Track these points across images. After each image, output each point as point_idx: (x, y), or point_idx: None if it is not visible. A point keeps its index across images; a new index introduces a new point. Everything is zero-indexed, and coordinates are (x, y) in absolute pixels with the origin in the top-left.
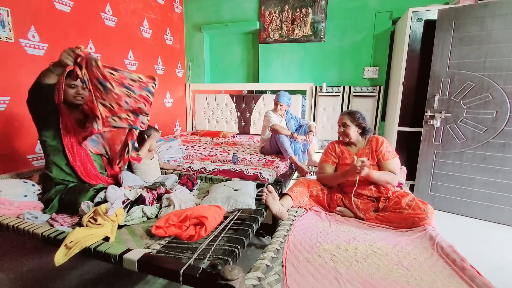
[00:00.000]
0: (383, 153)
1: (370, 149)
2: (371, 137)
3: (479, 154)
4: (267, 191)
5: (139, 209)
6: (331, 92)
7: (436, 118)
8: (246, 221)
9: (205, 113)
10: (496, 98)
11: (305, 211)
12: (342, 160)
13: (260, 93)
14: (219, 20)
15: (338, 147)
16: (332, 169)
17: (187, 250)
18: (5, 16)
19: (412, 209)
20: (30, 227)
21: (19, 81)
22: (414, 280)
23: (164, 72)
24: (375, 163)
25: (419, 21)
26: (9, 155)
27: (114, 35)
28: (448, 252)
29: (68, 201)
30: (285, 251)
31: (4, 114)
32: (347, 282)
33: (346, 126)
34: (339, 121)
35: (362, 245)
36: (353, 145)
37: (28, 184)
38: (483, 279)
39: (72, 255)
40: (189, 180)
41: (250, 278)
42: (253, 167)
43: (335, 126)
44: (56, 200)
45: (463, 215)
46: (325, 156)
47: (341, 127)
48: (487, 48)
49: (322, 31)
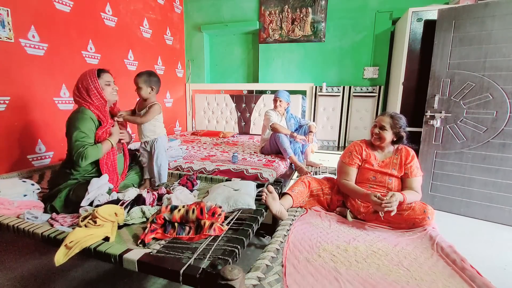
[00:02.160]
0: (412, 169)
1: (399, 160)
2: (402, 147)
3: (479, 154)
4: (267, 191)
5: (138, 209)
6: (331, 92)
7: (436, 118)
8: (246, 221)
9: (205, 113)
10: (496, 98)
11: (305, 211)
12: (365, 163)
13: (260, 93)
14: (219, 20)
15: (365, 150)
16: (356, 173)
17: (187, 250)
18: (5, 16)
19: (412, 210)
20: (30, 227)
21: (19, 81)
22: (414, 280)
23: (164, 72)
24: (400, 177)
25: (419, 21)
26: (9, 155)
27: (114, 35)
28: (448, 252)
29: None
30: (285, 251)
31: (4, 114)
32: (347, 282)
33: (383, 129)
34: (378, 121)
35: (362, 245)
36: (379, 150)
37: (27, 183)
38: (483, 279)
39: (72, 255)
40: (189, 180)
41: (250, 278)
42: (253, 167)
43: (335, 126)
44: (64, 193)
45: (463, 215)
46: (350, 158)
47: (377, 128)
48: (487, 48)
49: (322, 31)
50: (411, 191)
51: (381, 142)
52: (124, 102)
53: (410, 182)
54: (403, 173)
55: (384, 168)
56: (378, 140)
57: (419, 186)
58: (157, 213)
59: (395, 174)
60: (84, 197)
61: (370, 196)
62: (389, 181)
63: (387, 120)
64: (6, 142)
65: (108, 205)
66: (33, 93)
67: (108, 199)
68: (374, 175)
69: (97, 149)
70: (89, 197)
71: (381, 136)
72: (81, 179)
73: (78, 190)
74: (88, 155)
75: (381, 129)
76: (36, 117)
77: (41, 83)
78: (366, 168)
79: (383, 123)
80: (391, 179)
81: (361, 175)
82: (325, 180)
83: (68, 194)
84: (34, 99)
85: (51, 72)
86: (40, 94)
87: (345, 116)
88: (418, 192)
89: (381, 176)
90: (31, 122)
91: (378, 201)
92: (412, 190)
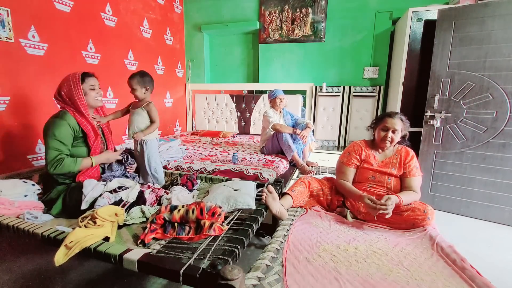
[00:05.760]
0: (411, 168)
1: (398, 160)
2: (401, 147)
3: (479, 154)
4: (267, 191)
5: (138, 209)
6: (331, 92)
7: (436, 118)
8: (246, 221)
9: (205, 113)
10: (496, 98)
11: (305, 211)
12: (365, 163)
13: (260, 93)
14: (219, 20)
15: (364, 151)
16: (353, 173)
17: (187, 250)
18: (5, 16)
19: (412, 211)
20: (30, 227)
21: (19, 81)
22: (414, 280)
23: (164, 72)
24: (399, 176)
25: (419, 21)
26: (9, 155)
27: (114, 35)
28: (448, 252)
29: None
30: (285, 251)
31: (4, 114)
32: (347, 282)
33: (395, 132)
34: (391, 125)
35: (362, 245)
36: (380, 150)
37: (28, 184)
38: (483, 279)
39: (72, 255)
40: (189, 180)
41: (250, 278)
42: (253, 167)
43: (335, 126)
44: (60, 201)
45: (463, 215)
46: (348, 158)
47: (390, 132)
48: (487, 48)
49: (322, 31)
50: (409, 192)
51: (391, 145)
52: (124, 102)
53: (409, 182)
54: (402, 173)
55: (384, 167)
56: (388, 143)
57: (418, 186)
58: (156, 213)
59: (394, 173)
60: (82, 200)
61: (364, 198)
62: (388, 180)
63: (399, 123)
64: (6, 142)
65: (108, 206)
66: (33, 93)
67: (110, 198)
68: (373, 174)
69: (74, 163)
70: (87, 199)
71: (393, 139)
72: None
73: (73, 193)
74: (63, 167)
75: (393, 132)
76: (36, 117)
77: (41, 83)
78: (365, 168)
79: (396, 126)
80: (390, 179)
81: (360, 174)
82: (325, 180)
83: (64, 200)
84: (34, 99)
85: (51, 72)
86: (40, 94)
87: (345, 116)
88: (417, 192)
89: (380, 175)
90: (31, 122)
91: (371, 204)
92: (410, 190)
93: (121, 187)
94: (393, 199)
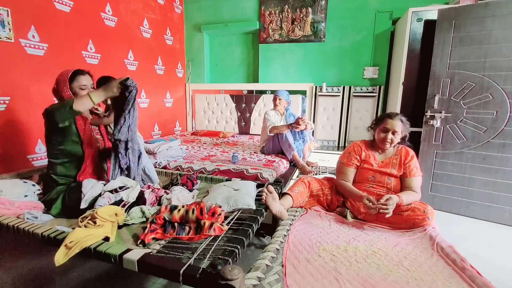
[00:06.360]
0: (411, 168)
1: (398, 160)
2: (401, 147)
3: (479, 154)
4: (267, 191)
5: (138, 209)
6: (331, 92)
7: (436, 118)
8: (246, 221)
9: (205, 113)
10: (496, 98)
11: (305, 210)
12: (365, 163)
13: (260, 93)
14: (219, 20)
15: (364, 151)
16: (353, 173)
17: (187, 250)
18: (5, 16)
19: (412, 211)
20: (30, 227)
21: (19, 81)
22: (414, 280)
23: (164, 72)
24: (399, 176)
25: (419, 21)
26: (9, 155)
27: (114, 35)
28: (448, 252)
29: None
30: (285, 251)
31: (4, 114)
32: (347, 282)
33: (395, 134)
34: (390, 127)
35: (362, 245)
36: (380, 151)
37: (28, 184)
38: (483, 279)
39: (72, 255)
40: (189, 180)
41: (250, 278)
42: (253, 167)
43: (335, 126)
44: (60, 201)
45: (463, 215)
46: (348, 159)
47: (390, 133)
48: (487, 48)
49: (322, 31)
50: (409, 192)
51: (391, 146)
52: None
53: (409, 182)
54: (402, 173)
55: (384, 168)
56: (388, 145)
57: (418, 186)
58: (156, 213)
59: (394, 173)
60: (82, 200)
61: (363, 199)
62: (388, 181)
63: (399, 124)
64: (6, 142)
65: (108, 206)
66: (33, 93)
67: (110, 198)
68: (373, 175)
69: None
70: (86, 198)
71: (393, 141)
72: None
73: (73, 193)
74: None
75: (393, 134)
76: (36, 117)
77: (41, 83)
78: (365, 168)
79: (396, 128)
80: (390, 179)
81: (360, 175)
82: (325, 180)
83: (64, 200)
84: (34, 99)
85: (51, 72)
86: (40, 94)
87: (345, 116)
88: (417, 192)
89: (380, 176)
90: (31, 122)
91: (370, 204)
92: (410, 190)
93: (123, 187)
94: (394, 199)
